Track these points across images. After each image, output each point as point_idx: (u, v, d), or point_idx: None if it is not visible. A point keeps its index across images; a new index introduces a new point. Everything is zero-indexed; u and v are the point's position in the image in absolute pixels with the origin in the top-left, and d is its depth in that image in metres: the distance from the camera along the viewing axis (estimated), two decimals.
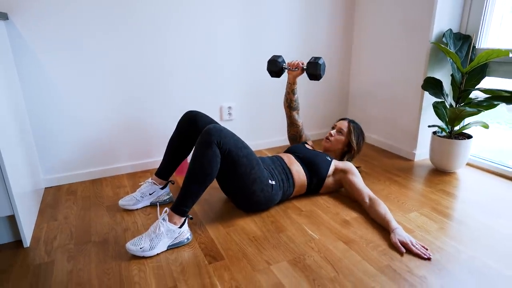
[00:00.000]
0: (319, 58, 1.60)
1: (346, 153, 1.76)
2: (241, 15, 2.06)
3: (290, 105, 1.78)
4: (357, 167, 1.72)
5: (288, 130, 1.85)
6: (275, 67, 1.72)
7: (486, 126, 1.78)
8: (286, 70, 1.73)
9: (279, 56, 1.73)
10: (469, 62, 1.86)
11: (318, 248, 1.30)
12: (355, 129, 1.72)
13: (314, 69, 1.59)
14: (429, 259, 1.21)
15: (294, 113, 1.79)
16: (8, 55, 1.54)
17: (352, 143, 1.71)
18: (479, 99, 1.77)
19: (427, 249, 1.25)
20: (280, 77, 1.99)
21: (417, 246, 1.26)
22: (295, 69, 1.68)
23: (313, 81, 2.39)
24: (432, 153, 1.97)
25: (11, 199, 1.23)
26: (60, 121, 1.79)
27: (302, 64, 1.67)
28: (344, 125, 1.74)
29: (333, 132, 1.74)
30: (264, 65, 2.22)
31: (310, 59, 1.62)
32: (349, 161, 1.76)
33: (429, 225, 1.44)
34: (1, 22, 1.52)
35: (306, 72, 1.64)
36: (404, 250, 1.25)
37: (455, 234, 1.37)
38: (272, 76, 1.76)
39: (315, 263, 1.21)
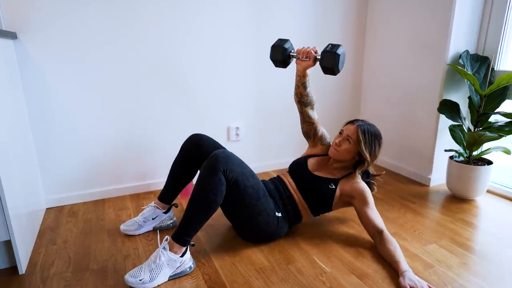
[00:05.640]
0: (337, 46, 1.23)
1: (358, 163, 1.46)
2: (249, 32, 2.03)
3: (301, 100, 1.48)
4: (377, 175, 1.53)
5: (301, 126, 1.57)
6: (280, 55, 1.38)
7: (508, 152, 1.68)
8: (295, 59, 1.42)
9: (286, 41, 1.37)
10: (487, 84, 1.78)
11: (329, 283, 1.21)
12: (366, 134, 1.39)
13: (329, 61, 1.23)
14: None
15: (307, 109, 1.49)
16: (15, 74, 1.53)
17: (363, 154, 1.39)
18: (499, 123, 1.69)
19: None
20: (288, 67, 1.65)
21: None
22: (306, 59, 1.36)
23: (323, 90, 2.27)
24: (449, 178, 1.88)
25: (7, 223, 1.18)
26: (64, 141, 1.76)
27: (316, 52, 1.34)
28: (352, 131, 1.41)
29: (337, 141, 1.43)
30: (274, 83, 2.17)
31: (327, 47, 1.26)
32: (363, 175, 1.51)
33: (450, 259, 1.34)
34: (9, 41, 1.51)
35: (320, 64, 1.31)
36: None
37: (480, 271, 1.26)
38: (276, 66, 1.44)
39: None
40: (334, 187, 1.44)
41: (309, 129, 1.56)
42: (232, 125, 2.12)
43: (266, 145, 2.26)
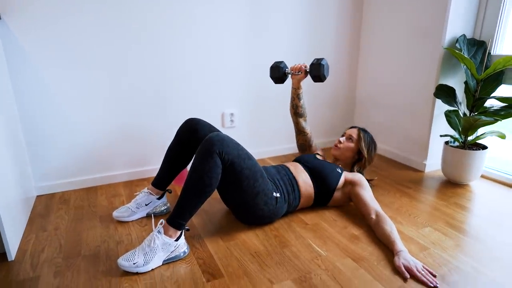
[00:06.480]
0: (321, 59, 1.56)
1: (356, 161, 1.66)
2: (244, 19, 1.99)
3: (296, 111, 1.69)
4: (370, 180, 1.64)
5: (296, 139, 1.76)
6: (277, 73, 1.67)
7: (503, 136, 1.68)
8: (290, 75, 1.67)
9: (281, 62, 1.68)
10: (484, 69, 1.77)
11: (325, 265, 1.20)
12: (366, 136, 1.63)
13: (317, 71, 1.55)
14: (435, 287, 1.09)
15: (301, 120, 1.70)
16: (0, 58, 1.47)
17: (362, 151, 1.61)
18: (495, 108, 1.68)
19: (435, 276, 1.13)
20: (285, 83, 1.91)
21: (423, 272, 1.13)
22: (298, 73, 1.62)
23: (318, 85, 2.33)
24: (444, 164, 1.87)
25: None
26: (54, 127, 1.71)
27: (305, 67, 1.61)
28: (354, 132, 1.65)
29: (342, 139, 1.64)
30: (268, 70, 2.14)
31: (313, 61, 1.58)
32: (360, 172, 1.66)
33: (444, 241, 1.34)
34: None
35: (310, 75, 1.59)
36: (408, 275, 1.12)
37: (473, 252, 1.27)
38: (276, 82, 1.71)
39: (322, 282, 1.11)
40: (340, 172, 1.55)
41: (304, 140, 1.73)
42: (226, 112, 2.09)
43: (261, 132, 2.24)
